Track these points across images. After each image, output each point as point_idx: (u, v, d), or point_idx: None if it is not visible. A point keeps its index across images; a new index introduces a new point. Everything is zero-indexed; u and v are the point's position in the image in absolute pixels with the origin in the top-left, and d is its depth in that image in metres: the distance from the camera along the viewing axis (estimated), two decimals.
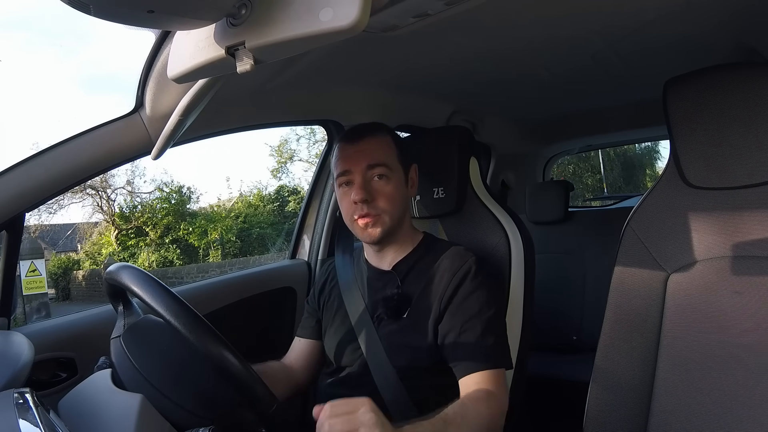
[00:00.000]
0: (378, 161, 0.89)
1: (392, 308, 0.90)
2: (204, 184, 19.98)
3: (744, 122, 0.80)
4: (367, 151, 0.90)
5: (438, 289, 0.88)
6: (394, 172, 0.91)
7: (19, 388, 0.58)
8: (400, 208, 0.92)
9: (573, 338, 1.83)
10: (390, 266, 0.95)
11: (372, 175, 0.89)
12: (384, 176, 0.90)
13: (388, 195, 0.90)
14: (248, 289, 1.28)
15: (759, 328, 0.76)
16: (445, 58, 1.07)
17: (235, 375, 0.65)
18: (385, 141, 0.93)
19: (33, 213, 6.15)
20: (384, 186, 0.90)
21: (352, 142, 0.91)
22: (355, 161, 0.89)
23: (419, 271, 0.92)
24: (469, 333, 0.83)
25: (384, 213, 0.89)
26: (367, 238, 0.92)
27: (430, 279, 0.90)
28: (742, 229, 0.81)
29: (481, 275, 0.88)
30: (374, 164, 0.89)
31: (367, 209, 0.88)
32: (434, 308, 0.87)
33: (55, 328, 0.97)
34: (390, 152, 0.92)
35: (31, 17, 14.00)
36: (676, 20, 0.95)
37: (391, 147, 0.93)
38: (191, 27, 0.54)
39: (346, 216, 0.93)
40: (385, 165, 0.90)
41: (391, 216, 0.90)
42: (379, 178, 0.90)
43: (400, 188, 0.92)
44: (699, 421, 0.78)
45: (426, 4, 0.75)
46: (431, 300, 0.88)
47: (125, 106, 1.57)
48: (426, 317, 0.87)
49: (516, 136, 1.92)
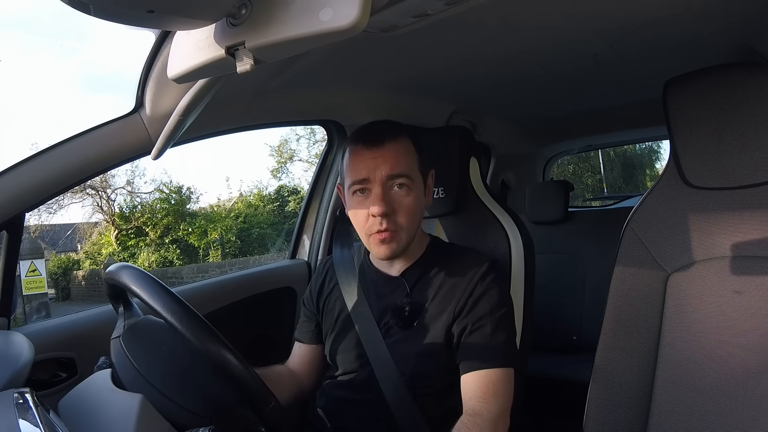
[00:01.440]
0: (401, 170, 0.82)
1: (403, 318, 0.87)
2: (204, 184, 19.96)
3: (744, 122, 0.80)
4: (389, 159, 0.82)
5: (452, 297, 0.86)
6: (415, 182, 0.84)
7: (19, 388, 0.58)
8: (418, 223, 0.87)
9: (573, 338, 1.83)
10: (399, 272, 0.91)
11: (392, 185, 0.83)
12: (405, 186, 0.83)
13: (408, 209, 0.83)
14: (248, 289, 1.28)
15: (759, 328, 0.76)
16: (445, 58, 1.07)
17: (235, 375, 0.65)
18: (407, 147, 0.85)
19: (33, 213, 6.14)
20: (404, 198, 0.83)
21: (371, 146, 0.83)
22: (375, 168, 0.82)
23: (430, 278, 0.90)
24: (479, 332, 0.83)
25: (402, 230, 0.84)
26: (381, 255, 0.86)
27: (442, 286, 0.88)
28: (742, 229, 0.81)
29: (493, 276, 0.87)
30: (396, 174, 0.82)
31: (387, 224, 0.82)
32: (446, 315, 0.85)
33: (55, 328, 0.97)
34: (411, 160, 0.85)
35: (30, 17, 14.01)
36: (676, 20, 0.95)
37: (412, 153, 0.86)
38: (191, 27, 0.53)
39: (361, 228, 0.86)
40: (407, 175, 0.83)
41: (408, 232, 0.85)
42: (399, 188, 0.83)
43: (420, 199, 0.86)
44: (699, 421, 0.78)
45: (426, 4, 0.75)
46: (443, 307, 0.86)
47: (124, 106, 1.57)
48: (436, 325, 0.85)
49: (516, 136, 1.92)
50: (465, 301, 0.85)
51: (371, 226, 0.84)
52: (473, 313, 0.84)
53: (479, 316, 0.83)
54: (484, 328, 0.83)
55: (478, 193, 1.10)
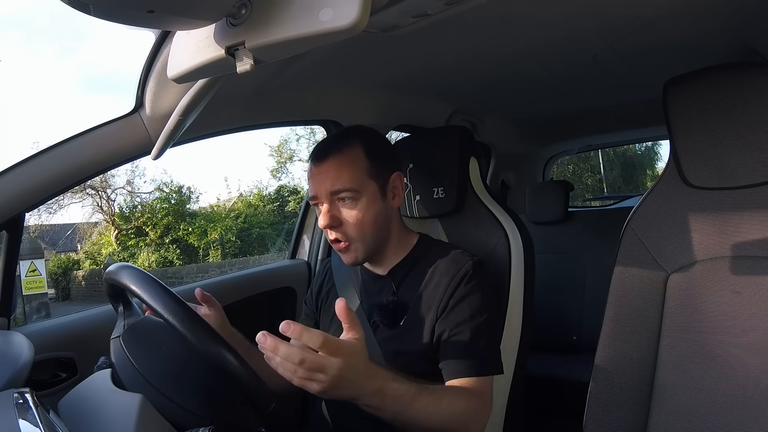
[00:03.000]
0: (340, 186, 0.83)
1: (388, 317, 0.88)
2: (204, 184, 19.98)
3: (744, 122, 0.80)
4: (330, 174, 0.84)
5: (435, 295, 0.86)
6: (362, 192, 0.85)
7: (19, 388, 0.58)
8: (374, 228, 0.87)
9: (573, 338, 1.83)
10: (386, 271, 0.93)
11: (336, 199, 0.85)
12: (350, 199, 0.84)
13: (356, 219, 0.84)
14: (248, 289, 1.28)
15: (759, 328, 0.76)
16: (445, 58, 1.07)
17: (235, 374, 0.65)
18: (352, 157, 0.85)
19: (33, 213, 6.15)
20: (350, 210, 0.84)
21: (317, 163, 0.86)
22: (319, 185, 0.85)
23: (415, 275, 0.90)
24: (459, 337, 0.82)
25: (355, 240, 0.86)
26: (346, 262, 0.90)
27: (427, 284, 0.88)
28: (742, 229, 0.81)
29: (477, 279, 0.85)
30: (336, 190, 0.84)
31: (336, 234, 0.85)
32: (431, 314, 0.85)
33: (55, 328, 0.97)
34: (356, 169, 0.85)
35: (28, 17, 14.00)
36: (676, 20, 0.95)
37: (359, 162, 0.85)
38: (191, 27, 0.54)
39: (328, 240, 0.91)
40: (348, 189, 0.84)
41: (363, 240, 0.86)
42: (343, 202, 0.84)
43: (372, 207, 0.86)
44: (699, 421, 0.78)
45: (426, 4, 0.75)
46: (428, 306, 0.86)
47: (124, 105, 1.57)
48: (422, 323, 0.86)
49: (516, 136, 1.93)
50: (447, 301, 0.84)
51: (328, 237, 0.89)
52: (452, 317, 0.83)
53: (458, 322, 0.82)
54: (462, 335, 0.81)
55: (478, 193, 1.10)
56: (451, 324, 0.83)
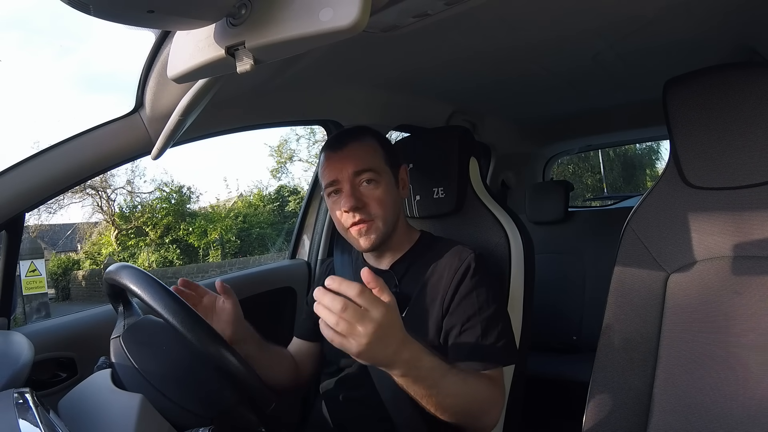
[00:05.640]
0: (364, 166, 0.88)
1: None
2: (204, 184, 19.98)
3: (744, 122, 0.80)
4: (352, 157, 0.88)
5: (439, 288, 0.87)
6: (382, 176, 0.89)
7: (19, 388, 0.58)
8: (392, 211, 0.90)
9: (573, 338, 1.83)
10: (388, 266, 0.95)
11: (360, 181, 0.88)
12: (372, 180, 0.88)
13: (378, 199, 0.88)
14: (248, 289, 1.28)
15: (759, 328, 0.76)
16: (445, 58, 1.07)
17: (235, 374, 0.65)
18: (370, 144, 0.91)
19: (33, 213, 6.14)
20: (373, 191, 0.88)
21: (336, 149, 0.90)
22: (341, 169, 0.88)
23: (417, 269, 0.92)
24: (469, 333, 0.83)
25: (377, 218, 0.88)
26: (363, 246, 0.90)
27: (429, 277, 0.89)
28: (742, 229, 0.81)
29: (480, 272, 0.87)
30: (361, 170, 0.87)
31: (360, 216, 0.87)
32: (436, 307, 0.86)
33: (55, 328, 0.97)
34: (376, 155, 0.90)
35: (28, 16, 14.00)
36: (676, 20, 0.95)
37: (377, 150, 0.91)
38: (191, 27, 0.53)
39: (340, 226, 0.92)
40: (372, 170, 0.88)
41: (384, 220, 0.89)
42: (367, 183, 0.88)
43: (391, 191, 0.91)
44: (699, 422, 0.78)
45: (426, 4, 0.75)
46: (431, 299, 0.87)
47: (123, 105, 1.57)
48: (426, 316, 0.87)
49: (516, 136, 1.93)
50: (452, 295, 0.85)
51: (346, 221, 0.89)
52: (461, 312, 0.84)
53: (468, 316, 0.83)
54: (474, 329, 0.83)
55: (478, 193, 1.10)
56: (461, 319, 0.84)
